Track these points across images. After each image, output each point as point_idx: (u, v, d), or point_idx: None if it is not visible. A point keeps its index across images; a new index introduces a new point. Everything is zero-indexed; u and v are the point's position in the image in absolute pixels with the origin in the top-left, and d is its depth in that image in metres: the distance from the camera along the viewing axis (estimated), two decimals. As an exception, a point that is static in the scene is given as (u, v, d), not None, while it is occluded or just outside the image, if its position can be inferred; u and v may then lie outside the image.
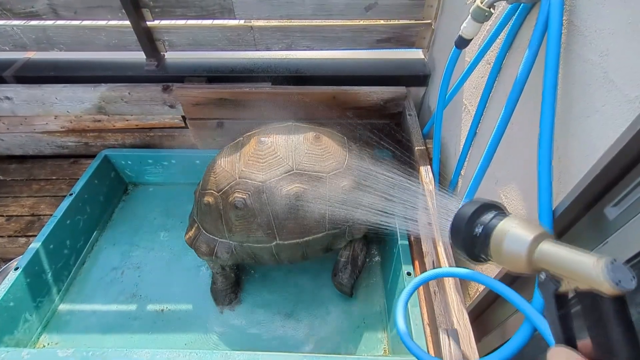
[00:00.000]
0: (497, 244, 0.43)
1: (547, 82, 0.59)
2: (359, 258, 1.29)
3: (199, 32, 1.45)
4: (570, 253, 0.36)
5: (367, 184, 1.12)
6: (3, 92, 1.45)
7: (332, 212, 1.10)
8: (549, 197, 0.59)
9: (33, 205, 1.57)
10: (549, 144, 0.58)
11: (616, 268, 0.32)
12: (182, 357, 0.99)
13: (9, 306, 1.17)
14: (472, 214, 0.46)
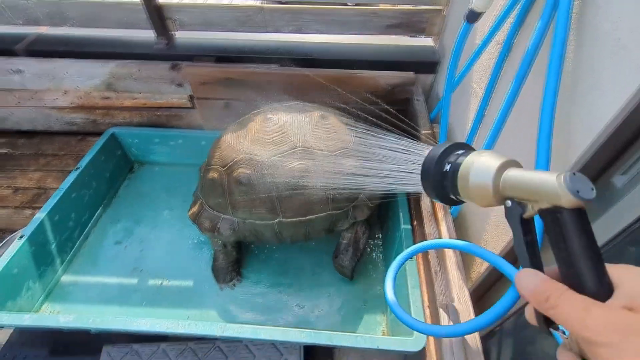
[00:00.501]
0: (464, 178, 0.42)
1: (554, 52, 0.59)
2: (361, 241, 1.29)
3: (210, 11, 1.46)
4: (534, 174, 0.36)
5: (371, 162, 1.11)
6: (15, 65, 1.47)
7: (335, 191, 1.10)
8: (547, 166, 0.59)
9: (40, 179, 1.58)
10: (551, 112, 0.58)
11: (576, 179, 0.32)
12: (181, 327, 1.00)
13: (13, 273, 1.18)
14: (441, 153, 0.46)
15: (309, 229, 1.17)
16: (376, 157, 0.71)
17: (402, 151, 0.60)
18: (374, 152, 0.73)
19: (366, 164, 0.78)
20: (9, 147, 1.74)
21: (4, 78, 1.50)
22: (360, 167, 1.00)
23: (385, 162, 0.66)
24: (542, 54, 0.71)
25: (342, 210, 1.15)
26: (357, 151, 1.10)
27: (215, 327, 0.99)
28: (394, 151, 0.64)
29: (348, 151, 1.10)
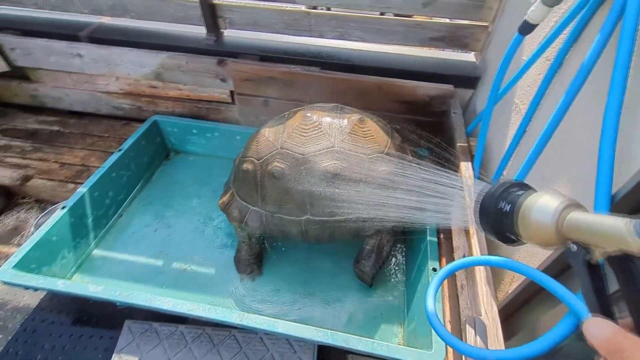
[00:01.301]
0: (524, 218, 0.42)
1: (618, 62, 0.57)
2: (385, 249, 1.27)
3: (259, 13, 1.52)
4: (600, 218, 0.35)
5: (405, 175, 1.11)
6: (76, 49, 1.58)
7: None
8: (609, 180, 0.57)
9: (84, 157, 1.68)
10: (615, 122, 0.56)
11: None
12: (202, 310, 1.02)
13: (52, 240, 1.25)
14: (500, 192, 0.46)
15: (335, 230, 1.17)
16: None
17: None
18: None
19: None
20: (60, 125, 1.87)
21: (66, 61, 1.63)
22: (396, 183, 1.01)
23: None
24: (596, 71, 0.69)
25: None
26: (391, 156, 1.10)
27: (234, 314, 1.01)
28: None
29: (383, 156, 1.10)
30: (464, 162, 1.13)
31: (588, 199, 0.67)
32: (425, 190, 0.89)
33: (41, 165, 1.63)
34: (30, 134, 1.81)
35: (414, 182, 0.90)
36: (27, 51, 1.63)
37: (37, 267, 1.20)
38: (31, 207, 1.61)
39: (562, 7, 0.85)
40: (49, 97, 1.87)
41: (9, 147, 1.72)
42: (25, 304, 1.29)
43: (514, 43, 0.90)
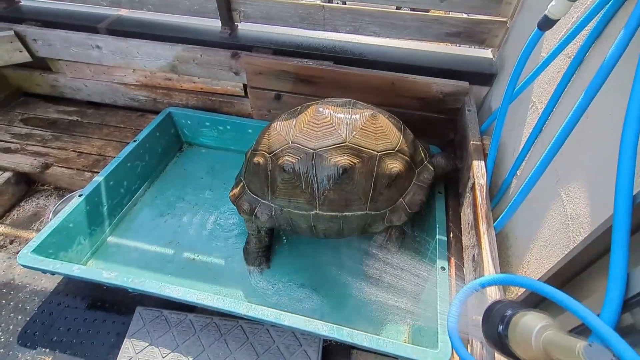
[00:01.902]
0: (512, 338, 0.48)
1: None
2: (393, 247, 1.27)
3: (274, 6, 1.52)
4: (563, 338, 0.41)
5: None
6: (95, 41, 1.62)
7: (375, 192, 1.09)
8: (630, 182, 0.54)
9: (101, 147, 1.72)
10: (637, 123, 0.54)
11: (592, 351, 0.36)
12: (210, 299, 1.04)
13: (69, 226, 1.29)
14: (492, 315, 0.53)
15: (344, 226, 1.17)
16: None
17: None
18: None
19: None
20: (78, 115, 1.91)
21: (85, 52, 1.66)
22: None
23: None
24: (619, 66, 0.67)
25: (380, 212, 1.14)
26: (404, 153, 1.09)
27: (242, 305, 1.02)
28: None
29: (395, 153, 1.09)
30: (476, 161, 1.11)
31: (607, 201, 0.65)
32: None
33: (60, 154, 1.68)
34: (50, 123, 1.86)
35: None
36: (48, 42, 1.67)
37: (54, 252, 1.24)
38: (50, 194, 1.67)
39: (584, 2, 0.82)
40: (68, 88, 1.92)
41: (31, 136, 1.77)
42: (43, 287, 1.34)
43: (533, 39, 0.87)
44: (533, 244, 0.92)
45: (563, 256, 0.72)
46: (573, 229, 0.76)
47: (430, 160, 1.24)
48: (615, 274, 0.53)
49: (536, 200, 0.92)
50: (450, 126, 1.52)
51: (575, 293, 0.72)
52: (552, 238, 0.83)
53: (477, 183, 1.05)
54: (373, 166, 1.06)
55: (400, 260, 1.24)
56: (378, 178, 1.07)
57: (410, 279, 1.19)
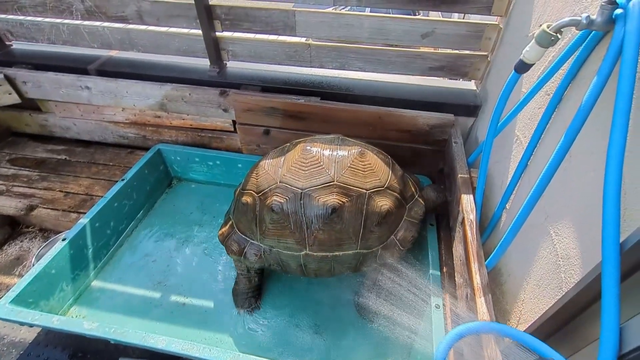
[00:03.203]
0: None
1: (618, 106, 0.56)
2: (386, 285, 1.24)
3: (261, 45, 1.56)
4: None
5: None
6: (85, 82, 1.63)
7: (366, 230, 1.07)
8: (617, 228, 0.54)
9: (89, 186, 1.70)
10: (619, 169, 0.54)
11: None
12: (195, 350, 0.99)
13: (51, 273, 1.25)
14: None
15: (335, 265, 1.14)
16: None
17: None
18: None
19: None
20: (67, 154, 1.90)
21: (75, 93, 1.67)
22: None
23: None
24: (597, 107, 0.68)
25: (371, 250, 1.12)
26: (393, 190, 1.09)
27: (228, 355, 0.97)
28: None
29: (384, 190, 1.08)
30: (465, 195, 1.10)
31: (596, 243, 0.63)
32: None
33: (46, 195, 1.65)
34: (38, 162, 1.84)
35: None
36: (38, 84, 1.68)
37: (34, 301, 1.19)
38: (34, 237, 1.62)
39: (559, 44, 0.85)
40: (57, 127, 1.92)
41: (17, 177, 1.75)
42: (22, 338, 1.27)
43: (511, 81, 0.89)
44: (526, 282, 0.90)
45: (556, 301, 0.70)
46: (564, 269, 0.74)
47: (420, 194, 1.24)
48: (607, 329, 0.51)
49: (527, 237, 0.91)
50: (439, 157, 1.53)
51: (572, 339, 0.70)
52: (544, 278, 0.81)
53: (466, 218, 1.04)
54: (362, 204, 1.04)
55: (393, 299, 1.21)
56: (368, 216, 1.05)
57: (405, 319, 1.15)
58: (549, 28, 0.68)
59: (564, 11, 0.89)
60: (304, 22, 1.44)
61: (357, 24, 1.42)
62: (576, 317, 0.67)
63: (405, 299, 1.33)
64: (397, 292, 1.34)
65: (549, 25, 0.68)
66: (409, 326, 1.24)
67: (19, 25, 1.71)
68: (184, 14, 1.50)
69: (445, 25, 1.37)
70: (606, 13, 0.62)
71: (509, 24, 1.28)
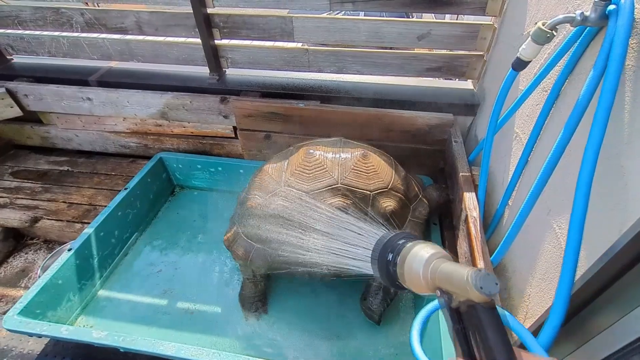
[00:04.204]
0: (401, 266, 0.46)
1: (601, 103, 0.57)
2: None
3: (259, 52, 1.58)
4: (453, 267, 0.39)
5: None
6: (86, 93, 1.65)
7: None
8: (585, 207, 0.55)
9: (92, 196, 1.71)
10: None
11: (481, 275, 0.36)
12: (205, 355, 0.99)
13: (58, 284, 1.25)
14: (387, 241, 0.50)
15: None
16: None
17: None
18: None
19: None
20: (69, 165, 1.91)
21: (76, 104, 1.69)
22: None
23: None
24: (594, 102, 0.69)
25: (375, 249, 1.13)
26: (397, 191, 1.10)
27: (238, 359, 0.98)
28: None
29: (387, 192, 1.09)
30: (467, 193, 1.11)
31: (599, 235, 0.65)
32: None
33: (50, 206, 1.66)
34: (40, 174, 1.85)
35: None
36: (40, 97, 1.70)
37: (42, 312, 1.19)
38: (39, 248, 1.63)
39: (554, 41, 0.86)
40: (59, 138, 1.93)
41: (20, 189, 1.76)
42: (30, 350, 1.27)
43: (509, 78, 0.91)
44: (532, 277, 0.91)
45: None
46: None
47: (423, 194, 1.25)
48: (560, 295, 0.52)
49: (530, 232, 0.92)
50: (439, 156, 1.54)
51: (579, 330, 0.71)
52: (549, 271, 0.82)
53: (470, 216, 1.05)
54: (367, 206, 1.05)
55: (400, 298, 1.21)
56: (373, 218, 1.06)
57: (411, 316, 1.15)
58: (544, 25, 0.69)
59: (558, 9, 0.91)
60: (302, 27, 1.46)
61: (354, 28, 1.44)
62: (583, 308, 0.68)
63: (412, 298, 1.33)
64: (402, 293, 1.35)
65: (544, 23, 0.70)
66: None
67: (19, 40, 1.72)
68: (183, 23, 1.52)
69: (440, 26, 1.39)
70: (599, 9, 0.64)
71: (503, 23, 1.30)
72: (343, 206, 1.04)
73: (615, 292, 0.63)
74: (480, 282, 0.35)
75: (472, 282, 0.36)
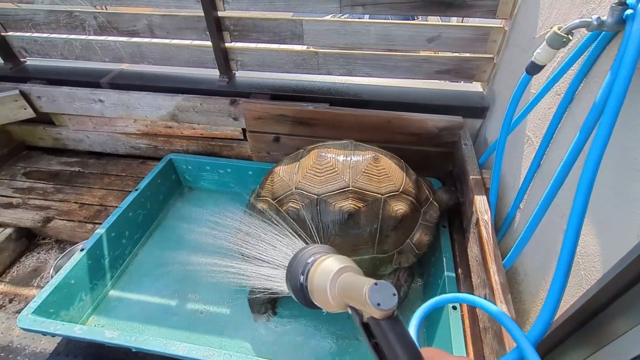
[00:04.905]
0: (311, 286, 0.43)
1: (609, 108, 0.57)
2: (402, 289, 1.24)
3: (269, 54, 1.59)
4: (355, 280, 0.37)
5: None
6: (98, 95, 1.67)
7: (382, 235, 1.08)
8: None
9: (103, 197, 1.73)
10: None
11: (376, 290, 0.34)
12: (216, 356, 1.00)
13: (70, 283, 1.27)
14: (297, 265, 0.47)
15: (350, 268, 1.15)
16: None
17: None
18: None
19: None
20: (80, 165, 1.94)
21: (88, 106, 1.71)
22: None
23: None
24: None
25: (387, 254, 1.13)
26: (408, 194, 1.10)
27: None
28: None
29: (398, 195, 1.09)
30: (478, 196, 1.11)
31: (615, 240, 0.64)
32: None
33: (62, 206, 1.68)
34: (52, 175, 1.88)
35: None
36: (52, 99, 1.72)
37: (55, 311, 1.21)
38: (51, 248, 1.65)
39: (568, 44, 0.86)
40: (70, 140, 1.96)
41: (32, 189, 1.78)
42: (42, 349, 1.29)
43: (522, 82, 0.91)
44: (545, 281, 0.91)
45: (577, 299, 0.71)
46: (584, 267, 0.75)
47: (434, 197, 1.25)
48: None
49: (543, 236, 0.92)
50: (449, 159, 1.54)
51: (594, 336, 0.70)
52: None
53: (481, 219, 1.05)
54: (378, 209, 1.06)
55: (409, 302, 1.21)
56: (384, 221, 1.06)
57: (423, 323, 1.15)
58: (560, 30, 0.69)
59: (571, 13, 0.90)
60: (312, 30, 1.47)
61: (364, 31, 1.44)
62: (598, 313, 0.67)
63: (420, 303, 1.33)
64: (411, 296, 1.34)
65: (559, 27, 0.70)
66: (425, 329, 1.24)
67: (33, 42, 1.75)
68: (194, 26, 1.54)
69: (450, 29, 1.39)
70: (617, 14, 0.64)
71: (514, 27, 1.30)
72: (354, 210, 1.04)
73: (632, 298, 0.63)
74: (376, 298, 0.34)
75: (369, 300, 0.34)
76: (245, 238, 0.79)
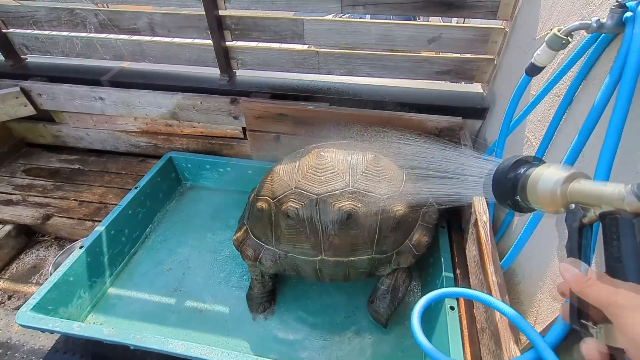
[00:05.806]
0: (533, 185, 0.47)
1: (617, 109, 0.57)
2: (400, 289, 1.24)
3: (269, 53, 1.59)
4: (604, 183, 0.41)
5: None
6: (98, 93, 1.67)
7: (381, 235, 1.09)
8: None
9: (102, 194, 1.73)
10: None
11: (637, 185, 0.36)
12: (215, 354, 1.00)
13: (69, 280, 1.27)
14: (512, 164, 0.52)
15: (350, 270, 1.15)
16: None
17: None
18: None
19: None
20: (80, 163, 1.94)
21: (88, 104, 1.71)
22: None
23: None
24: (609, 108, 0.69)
25: (386, 255, 1.13)
26: (407, 195, 1.10)
27: (248, 359, 0.99)
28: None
29: (399, 194, 1.10)
30: (477, 197, 1.11)
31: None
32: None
33: (61, 204, 1.68)
34: (52, 172, 1.88)
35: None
36: (53, 96, 1.72)
37: (54, 308, 1.21)
38: (50, 245, 1.65)
39: (568, 46, 0.86)
40: (70, 137, 1.96)
41: (32, 186, 1.78)
42: (41, 345, 1.29)
43: (522, 83, 0.91)
44: (542, 282, 0.91)
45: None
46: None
47: (432, 197, 1.25)
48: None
49: (541, 237, 0.92)
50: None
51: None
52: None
53: (479, 220, 1.05)
54: (377, 209, 1.06)
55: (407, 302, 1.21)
56: (383, 221, 1.07)
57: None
58: (559, 32, 0.70)
59: (571, 15, 0.90)
60: (312, 30, 1.47)
61: (365, 31, 1.44)
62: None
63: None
64: (409, 297, 1.35)
65: (559, 29, 0.70)
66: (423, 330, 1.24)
67: (34, 40, 1.75)
68: (195, 25, 1.54)
69: (451, 30, 1.39)
70: (616, 16, 0.64)
71: (514, 28, 1.30)
72: (354, 210, 1.04)
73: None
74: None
75: (634, 192, 0.36)
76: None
